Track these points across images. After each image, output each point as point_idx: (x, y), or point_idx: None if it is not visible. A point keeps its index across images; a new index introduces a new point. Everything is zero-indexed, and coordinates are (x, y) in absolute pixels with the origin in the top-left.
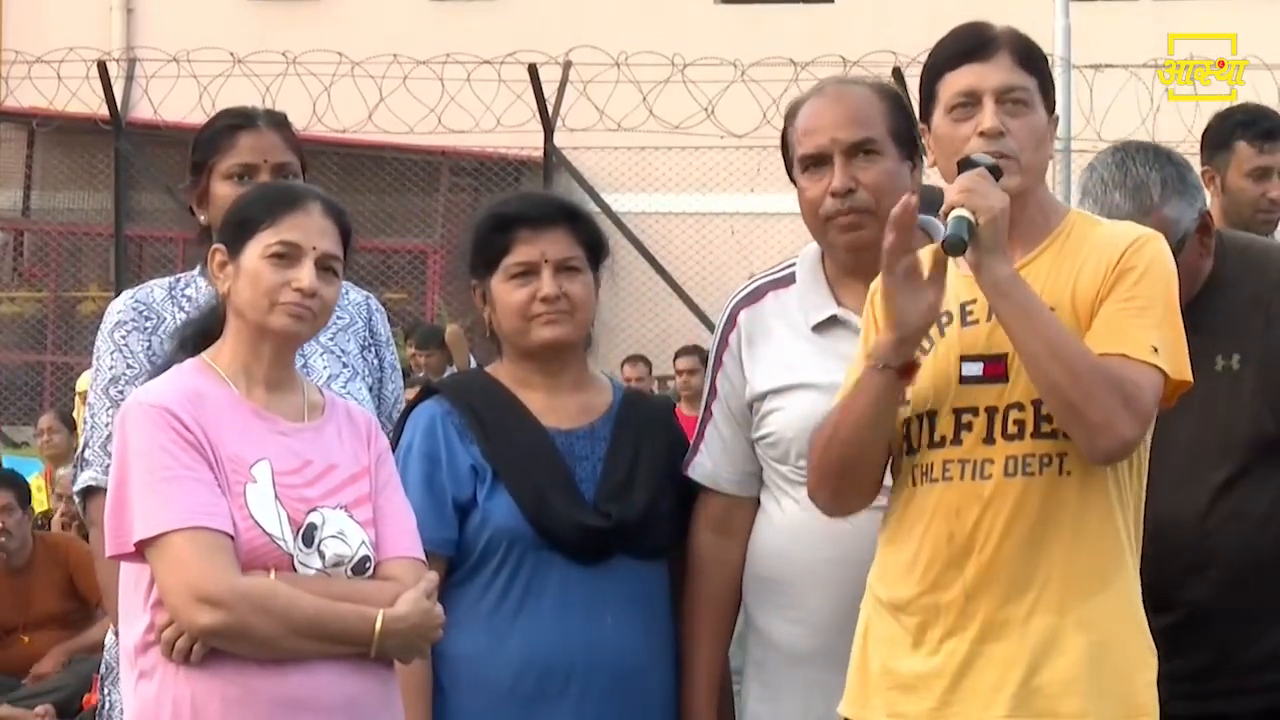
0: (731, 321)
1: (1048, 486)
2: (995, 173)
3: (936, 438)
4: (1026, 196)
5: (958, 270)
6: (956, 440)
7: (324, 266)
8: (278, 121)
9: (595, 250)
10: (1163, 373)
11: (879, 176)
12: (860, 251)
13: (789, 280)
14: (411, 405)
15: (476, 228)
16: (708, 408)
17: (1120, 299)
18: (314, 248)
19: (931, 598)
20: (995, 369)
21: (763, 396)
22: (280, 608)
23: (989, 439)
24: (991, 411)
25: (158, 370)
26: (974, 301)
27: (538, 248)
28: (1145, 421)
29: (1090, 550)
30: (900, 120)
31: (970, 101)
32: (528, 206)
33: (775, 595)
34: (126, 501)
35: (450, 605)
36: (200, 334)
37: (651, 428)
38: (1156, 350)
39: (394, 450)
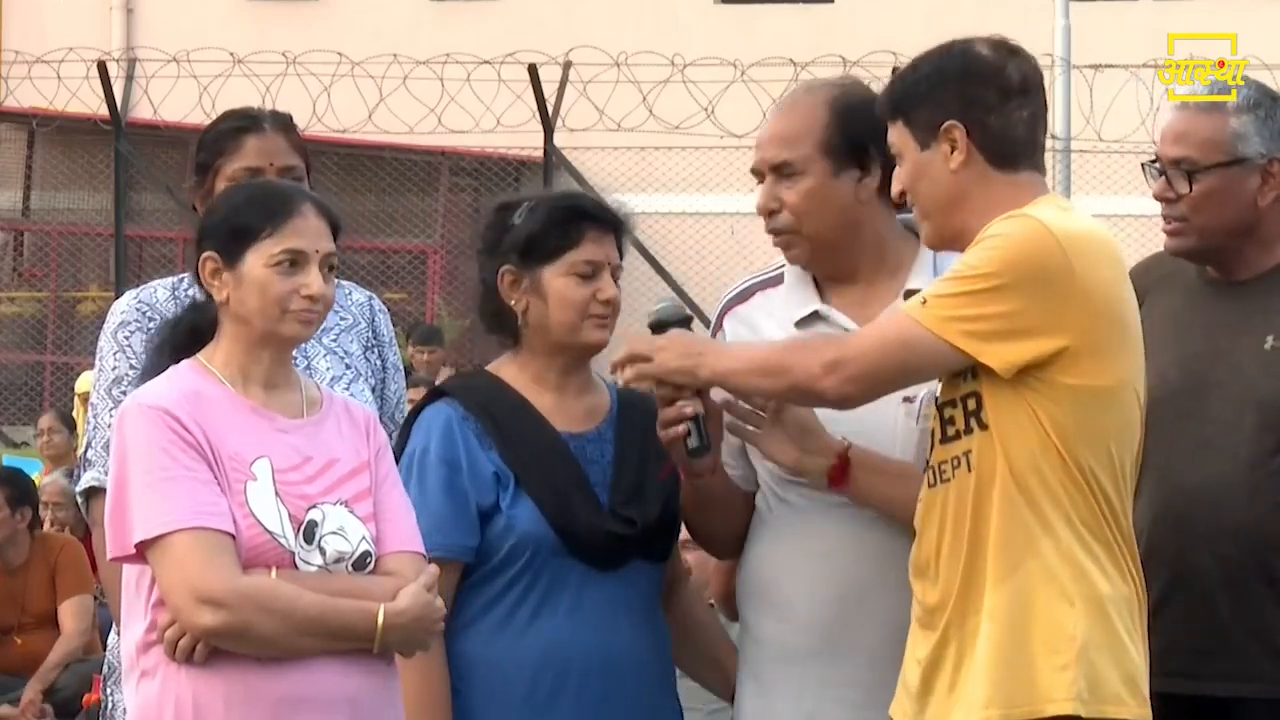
0: (719, 321)
1: (960, 488)
2: (667, 325)
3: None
4: (942, 223)
5: None
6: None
7: (327, 267)
8: (283, 124)
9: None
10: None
11: (799, 198)
12: (808, 266)
13: (778, 280)
14: (419, 407)
15: (546, 215)
16: None
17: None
18: (316, 251)
19: (916, 605)
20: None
21: None
22: (282, 606)
23: (931, 452)
24: (931, 431)
25: (145, 369)
26: None
27: (604, 250)
28: (830, 362)
29: (996, 541)
30: (843, 132)
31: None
32: (598, 207)
33: (762, 593)
34: (126, 503)
35: (465, 606)
36: (190, 336)
37: (651, 430)
38: (925, 302)
39: (402, 452)
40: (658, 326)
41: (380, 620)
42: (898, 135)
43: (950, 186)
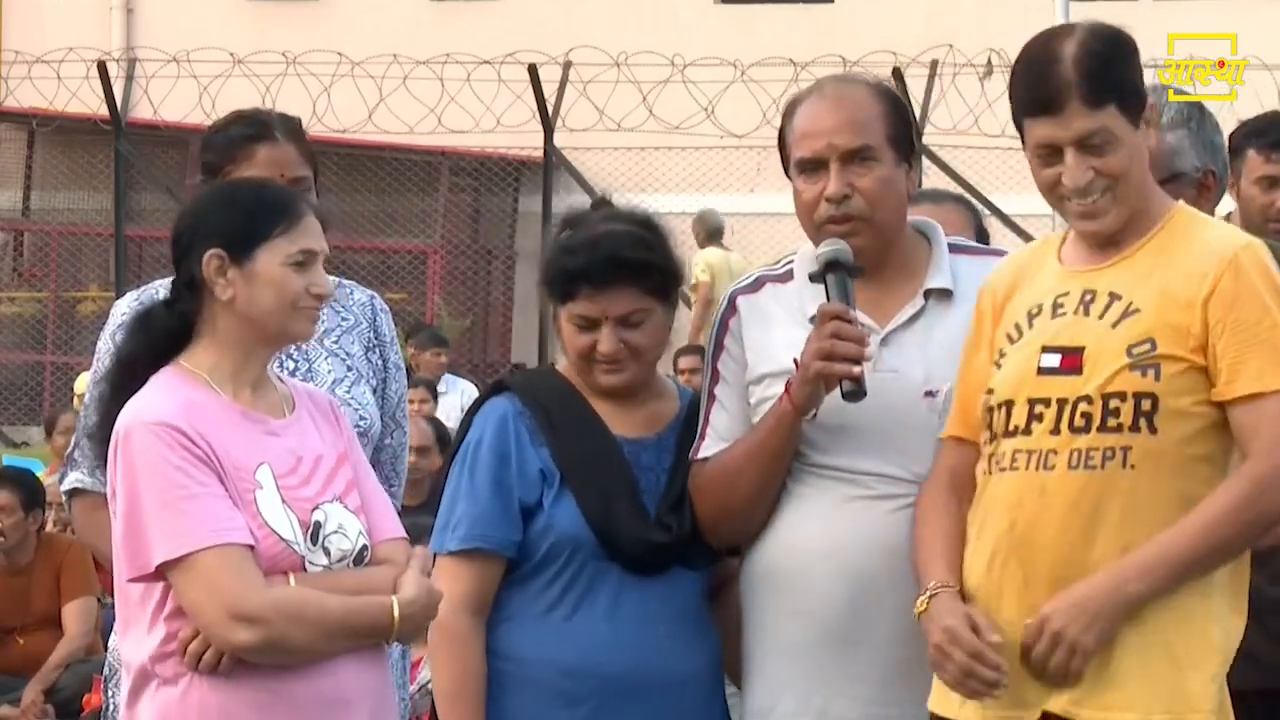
0: (732, 307)
1: (1109, 480)
2: (838, 267)
3: (1010, 427)
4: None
5: (1058, 265)
6: (1027, 430)
7: (324, 266)
8: (294, 132)
9: (666, 287)
10: None
11: (875, 184)
12: (859, 256)
13: (787, 276)
14: (481, 399)
15: (545, 267)
16: (710, 393)
17: (1236, 330)
18: (321, 250)
19: (996, 586)
20: (1071, 361)
21: (760, 379)
22: (313, 616)
23: (1055, 430)
24: (1062, 403)
25: (119, 363)
26: (1066, 294)
27: (599, 306)
28: None
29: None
30: (897, 123)
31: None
32: (591, 264)
33: (775, 586)
34: (141, 524)
35: (506, 602)
36: (169, 341)
37: None
38: None
39: (461, 444)
40: (829, 267)
41: (396, 613)
42: (1110, 119)
43: (1147, 167)
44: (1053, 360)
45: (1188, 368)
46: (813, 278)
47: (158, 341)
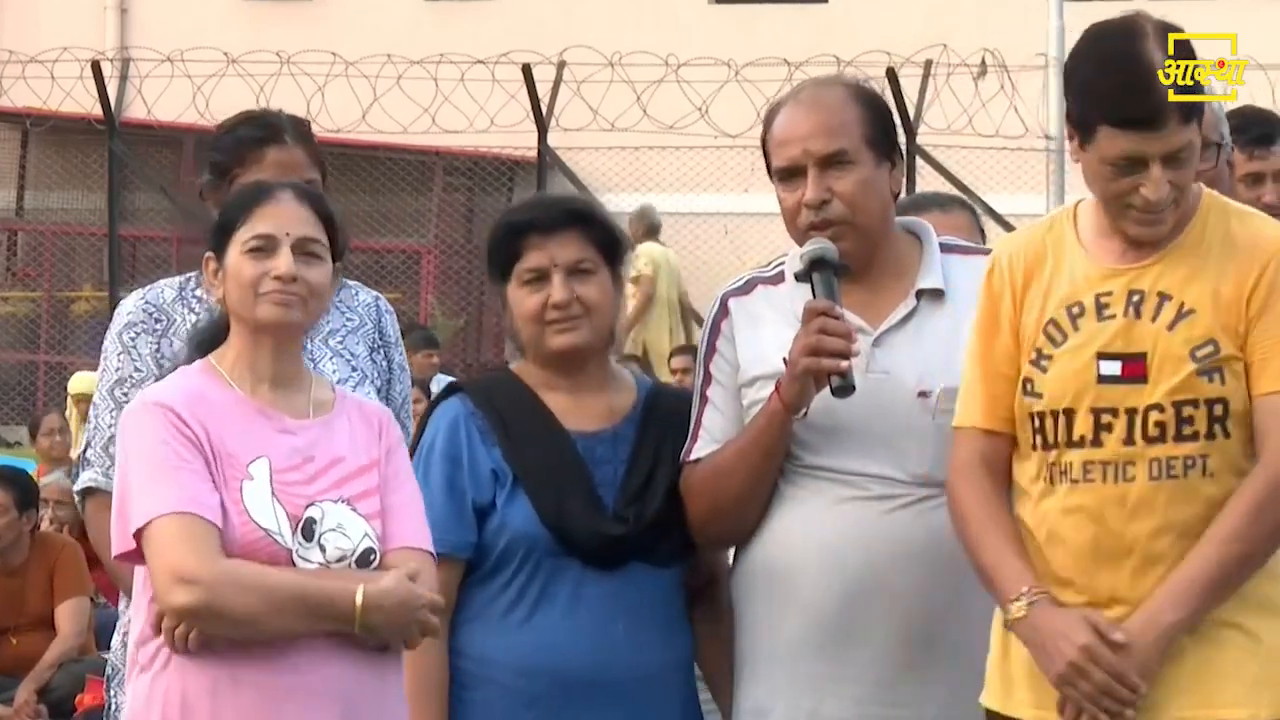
0: (723, 309)
1: (1193, 489)
2: (823, 265)
3: (1075, 437)
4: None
5: (1085, 256)
6: (1096, 441)
7: (304, 251)
8: (303, 135)
9: (612, 250)
10: None
11: (853, 187)
12: (844, 259)
13: (779, 278)
14: (435, 403)
15: (491, 235)
16: (703, 395)
17: (1266, 327)
18: (288, 234)
19: (1083, 599)
20: (1134, 369)
21: (752, 382)
22: (258, 583)
23: (1129, 440)
24: (1131, 413)
25: (167, 374)
26: (1110, 294)
27: (547, 253)
28: None
29: None
30: (876, 123)
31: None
32: (537, 212)
33: (769, 585)
34: (127, 501)
35: (467, 603)
36: (210, 339)
37: (675, 425)
38: None
39: (416, 448)
40: (814, 265)
41: (359, 599)
42: (1194, 134)
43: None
44: (1113, 368)
45: (1243, 367)
46: (798, 277)
47: (204, 347)
